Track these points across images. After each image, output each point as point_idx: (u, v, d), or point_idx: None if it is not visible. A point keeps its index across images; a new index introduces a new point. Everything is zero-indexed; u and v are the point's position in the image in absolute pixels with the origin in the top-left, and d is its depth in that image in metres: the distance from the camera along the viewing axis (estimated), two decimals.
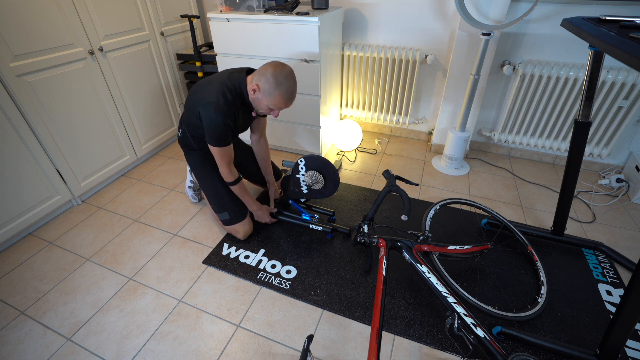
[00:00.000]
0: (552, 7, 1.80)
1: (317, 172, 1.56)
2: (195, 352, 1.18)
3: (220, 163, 1.44)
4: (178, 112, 2.48)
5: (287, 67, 1.31)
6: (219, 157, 1.42)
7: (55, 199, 1.76)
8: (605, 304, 1.32)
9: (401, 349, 1.18)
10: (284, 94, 1.30)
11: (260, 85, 1.30)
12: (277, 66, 1.29)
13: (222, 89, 1.33)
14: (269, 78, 1.28)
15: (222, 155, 1.41)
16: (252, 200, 1.61)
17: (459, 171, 2.15)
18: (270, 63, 1.31)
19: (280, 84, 1.28)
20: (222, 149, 1.39)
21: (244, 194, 1.57)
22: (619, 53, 0.76)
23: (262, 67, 1.32)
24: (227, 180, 1.50)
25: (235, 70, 1.42)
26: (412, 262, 1.27)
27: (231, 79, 1.37)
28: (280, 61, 1.35)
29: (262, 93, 1.31)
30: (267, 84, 1.29)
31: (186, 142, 1.58)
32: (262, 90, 1.30)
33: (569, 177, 1.40)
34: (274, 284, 1.41)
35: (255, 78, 1.32)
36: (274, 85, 1.28)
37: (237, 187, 1.53)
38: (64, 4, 1.61)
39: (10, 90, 1.47)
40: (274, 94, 1.30)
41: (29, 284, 1.44)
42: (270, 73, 1.28)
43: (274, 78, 1.28)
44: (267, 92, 1.30)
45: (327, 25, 1.88)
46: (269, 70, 1.28)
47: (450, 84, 2.10)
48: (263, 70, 1.30)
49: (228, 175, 1.48)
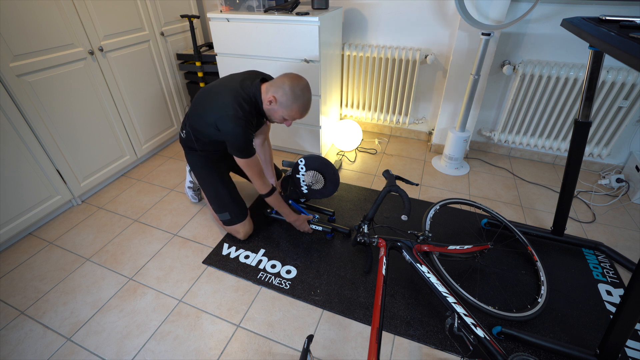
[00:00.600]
0: (552, 7, 1.80)
1: (317, 172, 1.56)
2: (195, 352, 1.18)
3: (252, 175, 1.43)
4: (178, 112, 2.48)
5: (303, 80, 1.33)
6: (249, 168, 1.41)
7: (55, 199, 1.76)
8: (605, 304, 1.32)
9: (401, 349, 1.18)
10: (300, 106, 1.32)
11: (277, 98, 1.31)
12: (293, 79, 1.31)
13: (238, 99, 1.32)
14: (287, 91, 1.29)
15: (251, 166, 1.41)
16: (289, 211, 1.59)
17: (459, 171, 2.15)
18: (286, 75, 1.33)
19: (297, 97, 1.30)
20: (250, 160, 1.39)
21: (280, 204, 1.55)
22: (619, 53, 0.76)
23: (279, 78, 1.33)
24: (262, 192, 1.48)
25: (247, 77, 1.40)
26: (412, 262, 1.27)
27: (244, 87, 1.36)
28: (295, 73, 1.36)
29: (279, 105, 1.32)
30: (285, 97, 1.30)
31: (189, 143, 1.56)
32: (279, 102, 1.31)
33: (569, 177, 1.40)
34: (274, 284, 1.41)
35: (271, 90, 1.32)
36: (292, 98, 1.30)
37: (273, 199, 1.51)
38: (64, 4, 1.61)
39: (10, 90, 1.47)
40: (291, 107, 1.31)
41: (29, 284, 1.44)
42: (288, 86, 1.29)
43: (291, 91, 1.29)
44: (284, 105, 1.31)
45: (327, 25, 1.88)
46: (286, 82, 1.30)
47: (450, 84, 2.10)
48: (280, 83, 1.31)
49: (262, 186, 1.47)
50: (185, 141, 1.58)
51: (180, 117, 2.51)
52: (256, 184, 1.46)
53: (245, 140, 1.34)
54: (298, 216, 1.61)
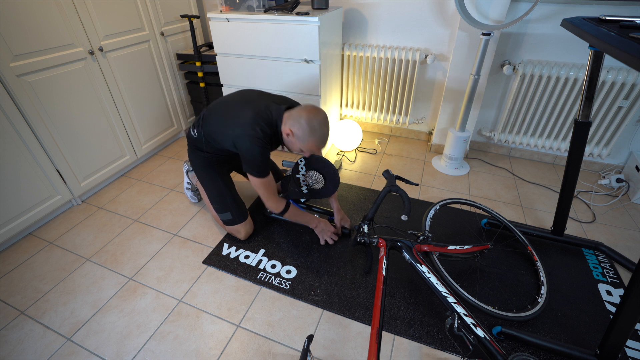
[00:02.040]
0: (552, 7, 1.80)
1: (317, 172, 1.56)
2: (195, 352, 1.18)
3: (267, 195, 1.43)
4: (178, 112, 2.48)
5: (321, 113, 1.31)
6: (263, 188, 1.41)
7: (55, 199, 1.76)
8: (605, 304, 1.32)
9: (401, 349, 1.18)
10: (317, 141, 1.32)
11: (294, 131, 1.31)
12: (311, 112, 1.30)
13: (259, 121, 1.31)
14: (303, 125, 1.28)
15: (265, 186, 1.40)
16: (309, 218, 1.58)
17: (459, 171, 2.15)
18: (305, 108, 1.32)
19: (314, 131, 1.29)
20: (264, 180, 1.39)
21: (298, 215, 1.55)
22: (619, 53, 0.76)
23: (297, 111, 1.32)
24: (278, 211, 1.47)
25: (275, 101, 1.40)
26: (412, 262, 1.27)
27: (269, 110, 1.35)
28: (314, 106, 1.34)
29: (296, 138, 1.32)
30: (301, 131, 1.29)
31: (198, 144, 1.54)
32: (296, 135, 1.31)
33: (569, 177, 1.40)
34: (274, 284, 1.41)
35: (289, 122, 1.31)
36: (308, 133, 1.29)
37: (290, 213, 1.51)
38: (64, 4, 1.61)
39: (10, 90, 1.47)
40: (308, 141, 1.31)
41: (29, 284, 1.44)
42: (305, 120, 1.28)
43: (308, 126, 1.28)
44: (300, 138, 1.31)
45: (327, 25, 1.88)
46: (304, 116, 1.29)
47: (450, 84, 2.10)
48: (297, 116, 1.30)
49: (276, 205, 1.46)
50: (194, 141, 1.55)
51: (180, 117, 2.51)
52: (269, 203, 1.45)
53: (262, 161, 1.34)
54: (319, 220, 1.58)
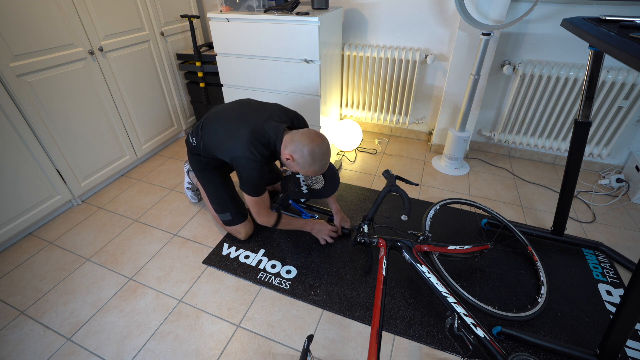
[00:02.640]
0: (552, 7, 1.80)
1: None
2: (195, 352, 1.18)
3: (259, 211, 1.43)
4: (178, 112, 2.48)
5: (325, 143, 1.28)
6: (256, 206, 1.41)
7: (55, 199, 1.76)
8: (605, 304, 1.32)
9: (401, 349, 1.18)
10: (317, 170, 1.30)
11: (295, 158, 1.28)
12: (314, 141, 1.25)
13: (256, 143, 1.29)
14: (306, 155, 1.25)
15: (258, 204, 1.41)
16: (303, 223, 1.57)
17: (459, 171, 2.15)
18: (308, 136, 1.26)
19: (315, 161, 1.27)
20: (259, 198, 1.39)
21: (291, 224, 1.55)
22: (619, 53, 0.76)
23: (300, 137, 1.26)
24: (270, 224, 1.49)
25: (272, 117, 1.35)
26: (412, 262, 1.27)
27: (267, 128, 1.31)
28: (317, 133, 1.28)
29: (296, 164, 1.30)
30: (302, 159, 1.26)
31: (196, 151, 1.53)
32: (297, 162, 1.29)
33: (569, 177, 1.40)
34: (274, 284, 1.41)
35: (290, 147, 1.27)
36: (310, 162, 1.27)
37: (283, 223, 1.52)
38: (64, 4, 1.61)
39: (10, 90, 1.47)
40: (308, 169, 1.30)
41: (29, 284, 1.44)
42: (308, 150, 1.24)
43: (310, 156, 1.25)
44: (300, 165, 1.29)
45: (327, 25, 1.88)
46: (307, 146, 1.24)
47: (450, 84, 2.10)
48: (300, 144, 1.25)
49: (267, 220, 1.47)
50: (193, 148, 1.53)
51: (180, 117, 2.51)
52: (261, 219, 1.46)
53: (258, 182, 1.34)
54: (315, 222, 1.59)
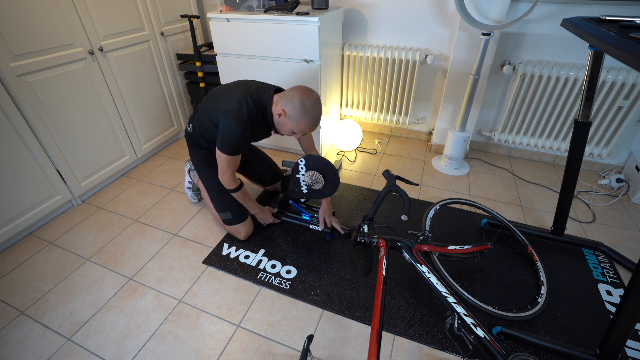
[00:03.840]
0: (552, 7, 1.80)
1: (317, 172, 1.55)
2: (195, 352, 1.18)
3: (225, 170, 1.42)
4: (178, 112, 2.48)
5: (314, 94, 1.31)
6: (225, 164, 1.40)
7: (55, 199, 1.76)
8: (605, 304, 1.32)
9: (401, 349, 1.18)
10: (309, 120, 1.31)
11: (286, 111, 1.30)
12: (304, 92, 1.29)
13: (246, 99, 1.32)
14: (296, 105, 1.28)
15: (228, 163, 1.39)
16: (253, 204, 1.60)
17: (459, 171, 2.15)
18: (297, 88, 1.31)
19: (307, 111, 1.29)
20: (231, 157, 1.38)
21: (245, 199, 1.55)
22: (619, 53, 0.76)
23: (289, 91, 1.32)
24: (229, 188, 1.48)
25: (264, 86, 1.41)
26: (412, 262, 1.27)
27: (258, 92, 1.36)
28: (306, 86, 1.33)
29: (288, 118, 1.31)
30: (294, 110, 1.29)
31: (195, 138, 1.56)
32: (289, 115, 1.30)
33: (569, 177, 1.40)
34: (274, 284, 1.41)
35: (281, 102, 1.31)
36: (301, 112, 1.28)
37: (239, 194, 1.52)
38: (64, 4, 1.61)
39: (10, 90, 1.47)
40: (300, 121, 1.30)
41: (29, 284, 1.44)
42: (298, 100, 1.28)
43: (301, 105, 1.28)
44: (293, 118, 1.30)
45: (327, 25, 1.88)
46: (296, 96, 1.28)
47: (450, 84, 2.10)
48: (290, 96, 1.30)
49: (230, 182, 1.46)
50: (191, 135, 1.57)
51: (181, 117, 2.51)
52: (225, 179, 1.45)
53: (237, 139, 1.33)
54: (262, 208, 1.65)
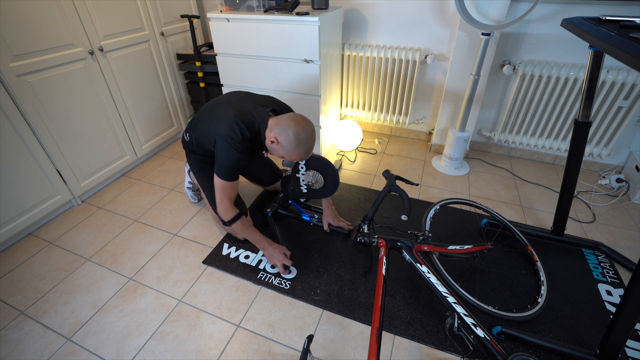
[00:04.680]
0: (552, 7, 1.80)
1: (317, 172, 1.55)
2: (195, 352, 1.18)
3: (222, 198, 1.36)
4: (178, 112, 2.48)
5: (310, 126, 1.28)
6: (222, 191, 1.34)
7: (55, 199, 1.76)
8: (605, 304, 1.32)
9: (401, 349, 1.18)
10: (302, 154, 1.29)
11: (280, 140, 1.27)
12: (299, 124, 1.25)
13: (239, 123, 1.28)
14: (290, 136, 1.25)
15: (225, 190, 1.34)
16: (259, 237, 1.46)
17: (459, 171, 2.15)
18: (293, 118, 1.26)
19: (300, 144, 1.26)
20: (227, 183, 1.33)
21: (248, 230, 1.44)
22: (619, 53, 0.76)
23: (285, 120, 1.27)
24: (227, 218, 1.38)
25: (260, 104, 1.37)
26: (412, 262, 1.27)
27: (254, 113, 1.32)
28: (302, 117, 1.29)
29: (281, 147, 1.29)
30: (287, 142, 1.26)
31: (190, 147, 1.56)
32: (281, 145, 1.28)
33: (569, 177, 1.40)
34: (274, 284, 1.41)
35: (275, 130, 1.27)
36: (294, 145, 1.26)
37: (239, 225, 1.41)
38: (64, 4, 1.61)
39: (10, 90, 1.47)
40: (293, 152, 1.28)
41: (29, 284, 1.44)
42: (292, 132, 1.24)
43: (295, 137, 1.24)
44: (285, 148, 1.28)
45: (327, 25, 1.88)
46: (291, 127, 1.24)
47: (450, 84, 2.10)
48: (285, 126, 1.25)
49: (228, 211, 1.37)
50: (187, 144, 1.58)
51: (180, 117, 2.51)
52: (222, 208, 1.37)
53: (233, 166, 1.30)
54: (271, 242, 1.46)
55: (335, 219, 1.62)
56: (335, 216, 1.63)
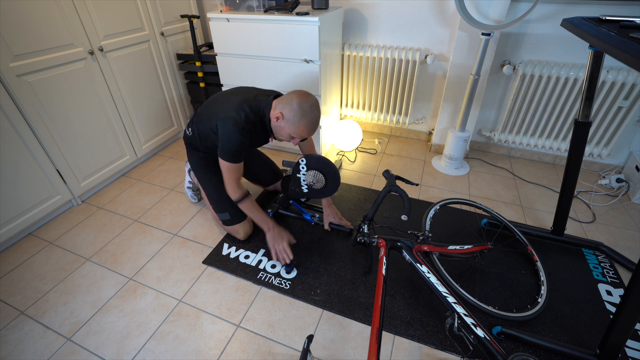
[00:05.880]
0: (552, 7, 1.80)
1: (318, 171, 1.55)
2: (195, 352, 1.18)
3: (229, 179, 1.41)
4: (178, 112, 2.48)
5: (312, 97, 1.32)
6: (228, 173, 1.39)
7: (55, 199, 1.76)
8: (605, 304, 1.32)
9: (401, 349, 1.18)
10: (307, 124, 1.30)
11: (284, 114, 1.30)
12: (302, 95, 1.30)
13: (244, 106, 1.33)
14: (294, 107, 1.28)
15: (231, 171, 1.39)
16: (262, 218, 1.48)
17: (459, 171, 2.15)
18: (296, 92, 1.32)
19: (305, 114, 1.28)
20: (233, 165, 1.37)
21: (253, 211, 1.47)
22: (619, 53, 0.76)
23: (287, 95, 1.32)
24: (234, 197, 1.44)
25: (263, 93, 1.41)
26: (412, 262, 1.27)
27: (257, 99, 1.37)
28: (304, 90, 1.34)
29: (286, 121, 1.30)
30: (292, 113, 1.28)
31: (192, 142, 1.57)
32: (286, 118, 1.30)
33: (569, 177, 1.40)
34: (274, 284, 1.41)
35: (279, 106, 1.31)
36: (299, 115, 1.28)
37: (246, 204, 1.45)
38: (64, 4, 1.61)
39: (10, 90, 1.47)
40: (298, 124, 1.30)
41: (29, 284, 1.44)
42: (296, 102, 1.28)
43: (299, 108, 1.27)
44: (291, 121, 1.30)
45: (327, 25, 1.87)
46: (295, 99, 1.28)
47: (450, 84, 2.10)
48: (288, 99, 1.30)
49: (235, 191, 1.43)
50: (189, 139, 1.58)
51: (181, 117, 2.52)
52: (230, 188, 1.43)
53: (237, 147, 1.32)
54: (274, 225, 1.48)
55: (337, 217, 1.62)
56: (336, 214, 1.63)
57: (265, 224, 1.48)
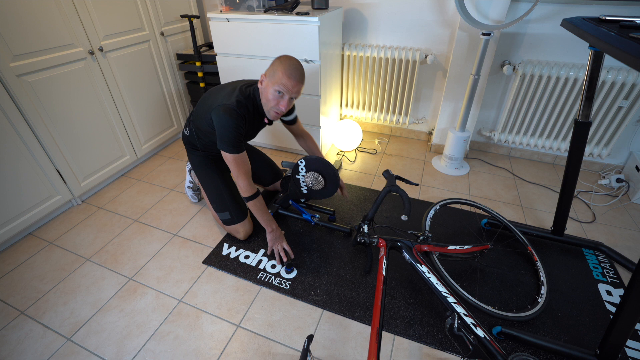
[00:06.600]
0: (552, 7, 1.80)
1: (318, 173, 1.55)
2: (195, 352, 1.18)
3: (238, 173, 1.38)
4: (178, 112, 2.48)
5: (289, 55, 1.36)
6: (236, 166, 1.37)
7: (55, 199, 1.76)
8: (605, 304, 1.32)
9: (401, 349, 1.18)
10: (285, 69, 1.30)
11: (266, 73, 1.34)
12: (280, 55, 1.35)
13: (235, 93, 1.36)
14: (273, 62, 1.34)
15: (238, 163, 1.37)
16: (269, 220, 1.49)
17: (459, 171, 2.15)
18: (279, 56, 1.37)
19: (281, 62, 1.32)
20: (237, 156, 1.36)
21: (261, 211, 1.47)
22: (619, 53, 0.76)
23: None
24: (245, 195, 1.42)
25: (254, 82, 1.47)
26: (412, 262, 1.27)
27: (247, 85, 1.42)
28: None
29: (268, 78, 1.33)
30: (271, 68, 1.33)
31: (191, 141, 1.58)
32: (267, 75, 1.34)
33: (569, 177, 1.40)
34: (274, 284, 1.41)
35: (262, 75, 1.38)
36: (276, 64, 1.32)
37: (255, 203, 1.44)
38: (64, 4, 1.61)
39: (10, 90, 1.47)
40: (277, 72, 1.31)
41: (29, 284, 1.44)
42: (274, 60, 1.34)
43: (277, 60, 1.33)
44: (270, 75, 1.32)
45: (327, 25, 1.87)
46: (276, 59, 1.35)
47: (450, 84, 2.10)
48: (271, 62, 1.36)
49: (247, 188, 1.41)
50: (188, 138, 1.59)
51: (180, 117, 2.52)
52: (240, 182, 1.40)
53: (234, 134, 1.33)
54: (277, 227, 1.51)
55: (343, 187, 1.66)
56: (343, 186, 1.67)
57: (269, 225, 1.49)
